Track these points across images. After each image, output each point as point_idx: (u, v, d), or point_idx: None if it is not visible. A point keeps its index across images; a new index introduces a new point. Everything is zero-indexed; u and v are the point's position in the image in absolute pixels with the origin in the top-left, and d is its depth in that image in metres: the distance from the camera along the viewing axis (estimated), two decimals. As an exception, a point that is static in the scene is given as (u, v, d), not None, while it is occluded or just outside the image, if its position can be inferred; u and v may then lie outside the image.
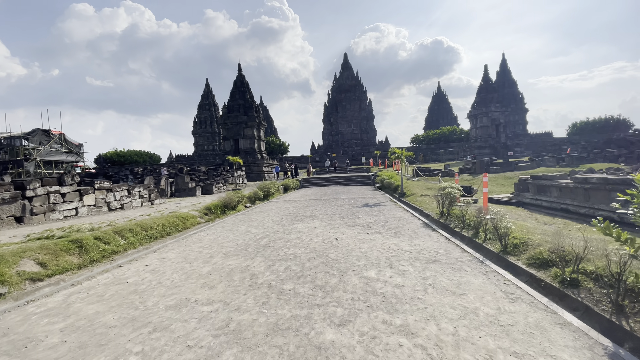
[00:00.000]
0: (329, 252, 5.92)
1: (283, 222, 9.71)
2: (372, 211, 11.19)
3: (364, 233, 7.56)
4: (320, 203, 14.29)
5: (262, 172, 31.13)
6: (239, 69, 34.60)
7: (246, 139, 33.10)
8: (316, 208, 12.63)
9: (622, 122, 49.43)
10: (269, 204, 15.27)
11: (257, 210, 13.07)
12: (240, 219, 10.90)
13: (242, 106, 33.18)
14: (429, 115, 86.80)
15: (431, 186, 17.23)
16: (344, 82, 74.03)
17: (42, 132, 46.85)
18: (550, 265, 4.34)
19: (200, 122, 74.42)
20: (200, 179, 21.08)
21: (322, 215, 10.60)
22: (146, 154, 67.26)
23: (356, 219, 9.57)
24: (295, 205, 13.86)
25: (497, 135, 41.69)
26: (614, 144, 20.65)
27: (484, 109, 40.94)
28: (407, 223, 8.73)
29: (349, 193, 18.77)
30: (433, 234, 7.24)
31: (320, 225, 8.89)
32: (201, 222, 10.28)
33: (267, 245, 6.83)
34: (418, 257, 5.37)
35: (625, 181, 6.82)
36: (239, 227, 9.21)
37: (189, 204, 13.23)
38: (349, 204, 13.37)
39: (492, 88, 41.77)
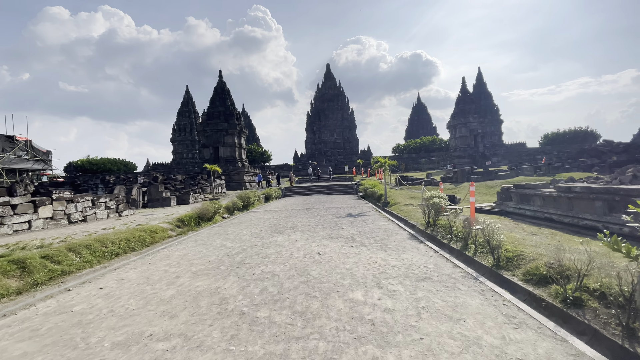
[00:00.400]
0: (310, 270, 5.39)
1: (262, 234, 9.09)
2: (356, 221, 10.75)
3: (348, 246, 7.08)
4: (302, 213, 13.74)
5: (243, 181, 30.25)
6: (220, 76, 33.87)
7: (226, 147, 32.19)
8: (298, 218, 12.07)
9: (590, 134, 52.06)
10: (249, 214, 14.56)
11: (235, 221, 12.35)
12: (216, 231, 10.17)
13: (223, 113, 32.36)
14: (409, 126, 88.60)
15: (414, 195, 17.07)
16: (327, 92, 74.50)
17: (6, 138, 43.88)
18: (549, 281, 4.00)
19: (180, 129, 72.55)
20: (176, 188, 20.05)
21: (304, 227, 10.05)
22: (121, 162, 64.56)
23: (340, 231, 9.09)
24: (276, 216, 13.24)
25: (475, 145, 42.77)
26: (586, 154, 21.44)
27: (463, 120, 41.99)
28: (393, 234, 8.33)
29: (332, 202, 18.32)
30: (421, 247, 6.86)
31: (302, 237, 8.34)
32: (172, 236, 9.49)
33: (243, 261, 6.21)
34: (407, 274, 4.93)
35: (609, 190, 6.73)
36: (213, 241, 8.50)
37: (161, 216, 12.34)
38: (332, 214, 12.89)
39: (470, 100, 43.01)
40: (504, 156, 43.72)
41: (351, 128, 73.52)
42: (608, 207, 6.90)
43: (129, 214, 13.41)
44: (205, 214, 11.41)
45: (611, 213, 6.86)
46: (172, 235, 9.53)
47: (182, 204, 18.26)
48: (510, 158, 45.43)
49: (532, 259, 4.75)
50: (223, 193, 23.73)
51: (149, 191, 17.62)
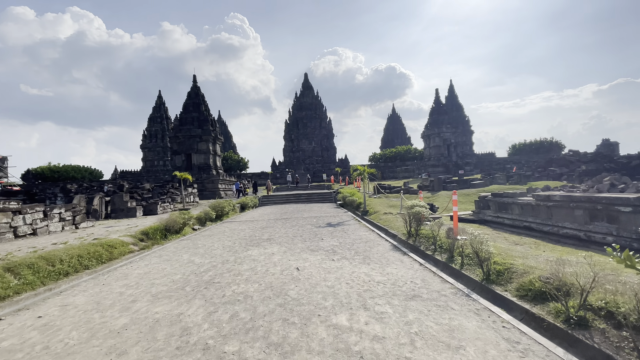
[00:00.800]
0: (288, 289, 4.84)
1: (235, 247, 8.41)
2: (336, 232, 10.31)
3: (329, 260, 6.59)
4: (280, 223, 13.12)
5: (217, 189, 29.08)
6: (194, 80, 32.77)
7: (200, 154, 30.95)
8: (275, 229, 11.46)
9: (555, 144, 55.24)
10: (222, 225, 13.74)
11: (207, 233, 11.53)
12: (185, 245, 9.35)
13: (197, 119, 31.19)
14: (384, 135, 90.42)
15: (393, 203, 16.94)
16: (305, 101, 74.61)
17: (-47, 143, 40.14)
18: (546, 298, 3.72)
19: (151, 135, 69.66)
20: (143, 197, 18.78)
21: (281, 238, 9.47)
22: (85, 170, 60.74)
23: (319, 242, 8.59)
24: (252, 227, 12.54)
25: (448, 154, 44.01)
26: (555, 163, 22.46)
27: (436, 130, 43.17)
28: (374, 245, 7.95)
29: (310, 211, 17.81)
30: (405, 259, 6.50)
31: (279, 250, 7.76)
32: (134, 251, 8.58)
33: (212, 280, 5.55)
34: (395, 292, 4.51)
35: (591, 199, 6.75)
36: (180, 256, 7.73)
37: (124, 228, 11.30)
38: (311, 224, 12.38)
39: (443, 110, 44.40)
40: (475, 165, 45.27)
41: (329, 137, 73.80)
42: (589, 216, 6.90)
43: (87, 226, 12.20)
44: (172, 225, 10.54)
45: (592, 222, 6.85)
46: (133, 250, 8.63)
47: (149, 214, 17.06)
48: (482, 167, 47.12)
49: (523, 273, 4.49)
50: (195, 203, 22.57)
51: (113, 201, 16.31)
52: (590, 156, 23.05)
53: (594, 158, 22.48)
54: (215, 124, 33.32)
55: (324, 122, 73.89)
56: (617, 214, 6.22)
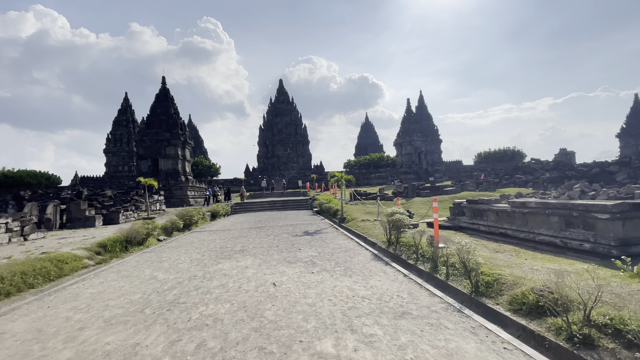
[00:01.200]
0: (264, 309, 4.34)
1: (204, 261, 7.72)
2: (314, 241, 9.87)
3: (308, 272, 6.14)
4: (254, 232, 12.46)
5: (186, 196, 27.66)
6: (163, 82, 31.27)
7: (168, 159, 29.39)
8: (249, 239, 10.81)
9: (517, 153, 58.49)
10: (190, 235, 12.84)
11: (173, 244, 10.65)
12: (148, 258, 8.50)
13: (165, 122, 29.68)
14: (358, 143, 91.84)
15: (370, 210, 16.80)
16: (280, 106, 74.06)
17: None
18: (542, 312, 3.52)
19: (115, 139, 65.87)
20: (104, 205, 17.30)
21: (255, 249, 8.88)
22: (42, 175, 55.99)
23: (297, 252, 8.11)
24: (224, 237, 11.79)
25: (419, 162, 45.18)
26: (520, 170, 23.57)
27: (408, 138, 44.24)
28: (355, 255, 7.60)
29: (286, 219, 17.24)
30: (388, 270, 6.19)
31: (254, 263, 7.19)
32: (88, 266, 7.63)
33: (177, 300, 4.91)
34: (382, 309, 4.15)
35: (567, 206, 6.84)
36: (141, 272, 6.93)
37: (79, 239, 10.16)
38: (287, 233, 11.85)
39: (414, 119, 45.66)
40: (444, 172, 46.78)
41: (304, 143, 73.52)
42: (565, 223, 6.99)
43: (37, 238, 10.87)
44: (134, 236, 9.60)
45: (568, 229, 6.93)
46: (88, 265, 7.67)
47: (110, 223, 15.70)
48: (450, 174, 48.78)
49: (513, 284, 4.31)
50: (161, 211, 21.20)
51: (69, 209, 14.84)
52: (552, 164, 24.44)
53: (556, 166, 23.86)
54: (185, 128, 31.90)
55: (300, 129, 73.61)
56: (593, 220, 6.31)
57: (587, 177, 19.92)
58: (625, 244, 5.98)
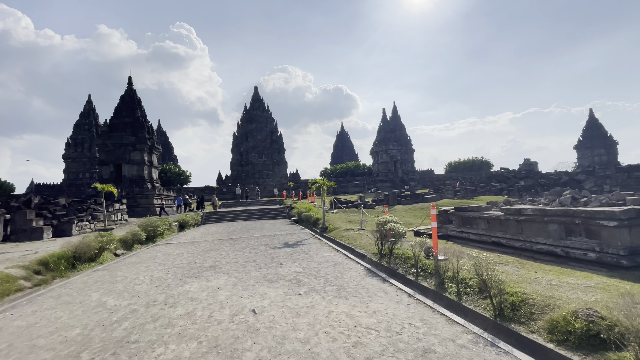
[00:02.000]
0: (243, 349, 3.34)
1: (168, 280, 6.52)
2: (296, 253, 8.90)
3: (294, 294, 5.18)
4: (227, 245, 11.26)
5: (151, 205, 25.59)
6: (129, 82, 29.19)
7: (132, 165, 27.20)
8: (221, 253, 9.63)
9: (484, 163, 60.84)
10: (154, 249, 11.39)
11: (133, 260, 9.24)
12: (99, 277, 7.12)
13: (130, 125, 27.56)
14: (334, 152, 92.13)
15: (352, 219, 16.08)
16: (255, 113, 72.67)
17: None
18: (599, 345, 2.84)
19: (76, 144, 61.30)
20: (55, 215, 15.27)
21: (229, 265, 7.76)
22: (-12, 183, 50.56)
23: (279, 268, 7.11)
24: (192, 250, 10.50)
25: (395, 170, 45.57)
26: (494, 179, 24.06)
27: (384, 147, 44.57)
28: (345, 270, 6.74)
29: (262, 229, 16.08)
30: (388, 288, 5.38)
31: (228, 283, 6.11)
32: (24, 288, 6.18)
33: (127, 338, 3.78)
34: (396, 345, 3.30)
35: (567, 212, 6.44)
36: (87, 296, 5.63)
37: (18, 255, 8.50)
38: (265, 244, 10.77)
39: (390, 129, 46.20)
40: (419, 181, 47.48)
41: (280, 151, 72.34)
42: (565, 231, 6.59)
43: (-43, 256, 9.01)
44: (85, 251, 8.13)
45: (569, 237, 6.52)
46: (23, 287, 6.21)
47: (61, 235, 13.78)
48: (424, 183, 49.62)
49: (543, 305, 3.64)
50: (123, 221, 19.24)
51: (14, 219, 12.81)
52: (523, 173, 25.22)
53: (528, 174, 24.62)
54: (153, 132, 29.85)
55: (275, 136, 72.41)
56: (598, 228, 5.91)
57: (558, 184, 20.61)
58: (634, 253, 5.60)
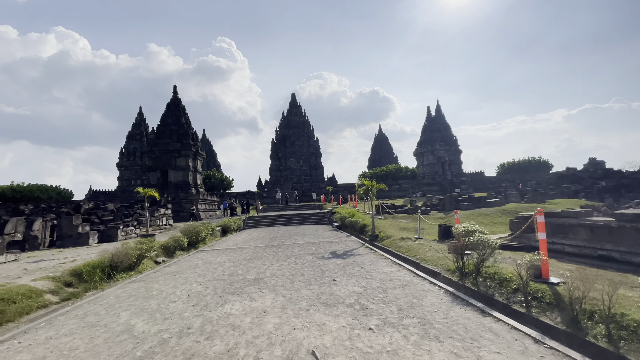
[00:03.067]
0: None
1: (207, 298, 5.55)
2: (348, 266, 7.60)
3: (363, 327, 3.89)
4: (270, 253, 10.28)
5: (197, 210, 25.84)
6: (174, 91, 30.15)
7: (178, 171, 27.83)
8: (265, 262, 8.63)
9: (543, 163, 54.99)
10: (195, 255, 10.76)
11: (172, 269, 8.55)
12: (133, 291, 6.39)
13: (176, 132, 28.31)
14: (372, 155, 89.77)
15: (404, 226, 14.43)
16: (293, 119, 73.17)
17: None
18: None
19: (129, 153, 65.91)
20: (103, 220, 15.53)
21: (275, 278, 6.68)
22: (53, 190, 55.76)
23: (332, 286, 5.86)
24: (235, 258, 9.65)
25: (443, 172, 42.46)
26: (566, 180, 20.87)
27: (430, 147, 41.75)
28: (420, 293, 5.30)
29: (305, 235, 15.02)
30: (495, 326, 3.87)
31: (275, 304, 4.98)
32: (49, 304, 5.58)
33: (145, 395, 2.73)
34: None
35: None
36: (115, 317, 4.81)
37: (54, 263, 8.19)
38: (311, 253, 9.62)
39: (436, 128, 43.25)
40: (470, 184, 43.81)
41: (317, 155, 71.99)
42: None
43: (5, 261, 8.98)
44: (122, 259, 7.55)
45: None
46: (49, 302, 5.62)
47: (107, 241, 13.83)
48: (475, 186, 45.74)
49: None
50: (168, 226, 19.33)
51: (60, 225, 13.06)
52: (600, 173, 21.61)
53: (606, 174, 21.02)
54: (197, 138, 30.48)
55: (312, 141, 72.21)
56: None
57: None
58: None
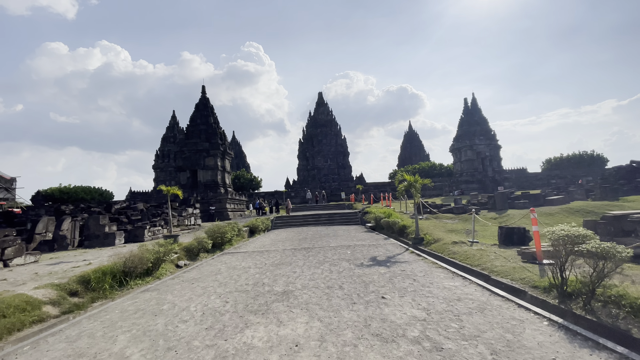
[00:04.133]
0: None
1: (225, 317, 4.43)
2: (395, 277, 6.21)
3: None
4: (300, 257, 9.11)
5: (225, 209, 25.45)
6: (203, 90, 30.11)
7: (207, 170, 27.64)
8: (295, 268, 7.45)
9: (597, 157, 49.66)
10: (220, 259, 9.85)
11: (192, 275, 7.61)
12: (143, 303, 5.43)
13: (204, 131, 28.18)
14: (401, 153, 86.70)
15: (451, 227, 12.70)
16: (320, 117, 72.20)
17: (-38, 164, 38.95)
18: None
19: (163, 155, 68.36)
20: (131, 220, 15.24)
21: (307, 292, 5.45)
22: (95, 191, 58.89)
23: (383, 307, 4.52)
24: (261, 263, 8.58)
25: (484, 169, 39.31)
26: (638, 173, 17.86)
27: (468, 142, 38.78)
28: (514, 326, 3.81)
29: (337, 237, 13.75)
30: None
31: (310, 332, 3.74)
32: (46, 318, 4.73)
33: None
34: None
35: None
36: (109, 343, 3.80)
37: (69, 266, 7.54)
38: (346, 259, 8.31)
39: (475, 121, 40.15)
40: (514, 181, 40.25)
41: (345, 154, 70.44)
42: None
43: (24, 263, 8.52)
44: (137, 264, 6.70)
45: None
46: (47, 316, 4.79)
47: (134, 241, 13.41)
48: (519, 183, 42.03)
49: None
50: (197, 225, 18.88)
51: (87, 225, 12.78)
52: (683, 165, 18.24)
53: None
54: (225, 138, 30.22)
55: (339, 139, 70.74)
56: None
57: None
58: None
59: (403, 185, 10.90)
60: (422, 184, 10.64)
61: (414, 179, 10.52)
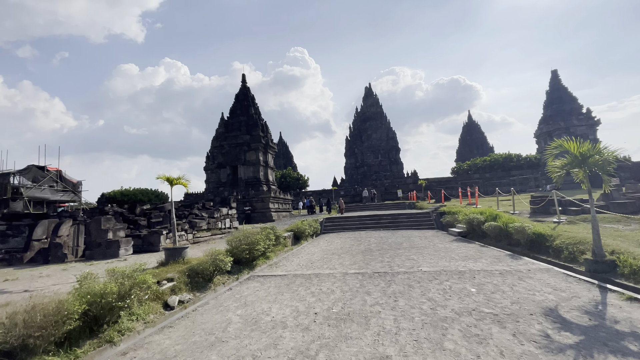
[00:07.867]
0: None
1: None
2: None
3: None
4: (378, 293, 4.85)
5: (267, 209, 22.21)
6: (243, 80, 27.44)
7: (248, 166, 24.75)
8: (380, 336, 3.22)
9: None
10: (240, 291, 6.01)
11: (180, 334, 3.79)
12: None
13: (245, 123, 25.36)
14: (460, 147, 77.78)
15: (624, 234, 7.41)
16: (368, 110, 67.01)
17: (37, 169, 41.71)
18: None
19: (213, 157, 68.92)
20: (151, 223, 12.35)
21: None
22: (152, 193, 60.90)
23: None
24: (306, 309, 4.50)
25: (582, 157, 31.15)
26: None
27: (563, 124, 31.00)
28: None
29: (418, 249, 9.27)
30: None
31: None
32: None
33: None
34: None
35: None
36: None
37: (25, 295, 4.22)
38: (490, 316, 3.88)
39: (569, 98, 32.13)
40: (631, 172, 31.36)
41: (397, 149, 64.29)
42: None
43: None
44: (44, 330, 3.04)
45: None
46: None
47: (148, 250, 10.37)
48: (635, 175, 32.80)
49: None
50: (233, 229, 15.68)
51: (88, 230, 9.98)
52: None
53: None
54: (267, 130, 27.17)
55: (390, 132, 64.76)
56: None
57: None
58: None
59: (563, 162, 6.07)
60: (612, 156, 5.72)
61: (593, 149, 5.67)
